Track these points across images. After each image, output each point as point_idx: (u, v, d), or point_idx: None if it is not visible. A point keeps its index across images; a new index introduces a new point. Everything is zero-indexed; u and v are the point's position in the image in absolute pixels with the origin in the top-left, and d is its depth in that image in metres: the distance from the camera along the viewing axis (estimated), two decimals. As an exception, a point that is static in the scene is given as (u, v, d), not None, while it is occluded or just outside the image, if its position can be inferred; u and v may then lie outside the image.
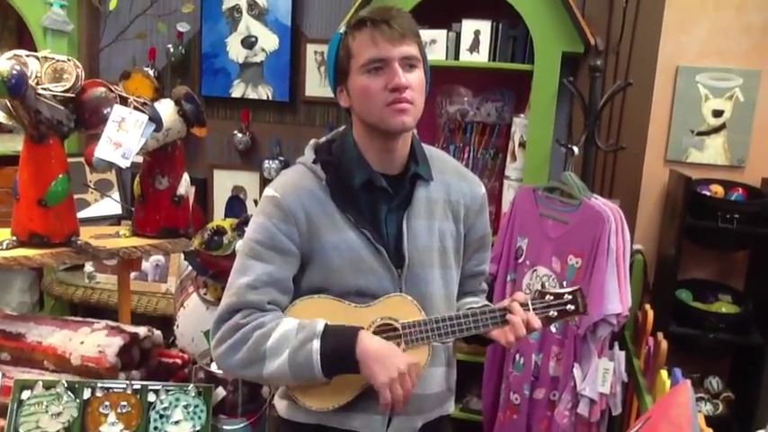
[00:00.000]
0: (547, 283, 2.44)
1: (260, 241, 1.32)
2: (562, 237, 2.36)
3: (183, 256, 2.39)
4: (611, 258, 2.19)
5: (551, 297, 1.35)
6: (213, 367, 1.80)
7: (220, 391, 1.74)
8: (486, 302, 1.51)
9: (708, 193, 2.57)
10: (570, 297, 1.36)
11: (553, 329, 2.32)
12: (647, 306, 2.47)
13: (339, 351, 1.23)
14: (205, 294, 2.27)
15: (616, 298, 2.18)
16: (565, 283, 2.32)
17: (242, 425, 1.77)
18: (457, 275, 1.46)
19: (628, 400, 2.44)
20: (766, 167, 2.69)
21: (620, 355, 2.29)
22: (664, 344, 2.16)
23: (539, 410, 2.51)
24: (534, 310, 1.33)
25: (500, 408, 2.66)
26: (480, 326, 1.32)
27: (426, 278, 1.37)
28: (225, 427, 1.75)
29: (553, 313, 1.35)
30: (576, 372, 2.29)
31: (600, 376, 2.27)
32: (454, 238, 1.43)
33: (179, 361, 2.00)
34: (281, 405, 1.44)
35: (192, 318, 2.28)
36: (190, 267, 2.31)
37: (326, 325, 1.26)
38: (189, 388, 1.72)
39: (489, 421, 2.69)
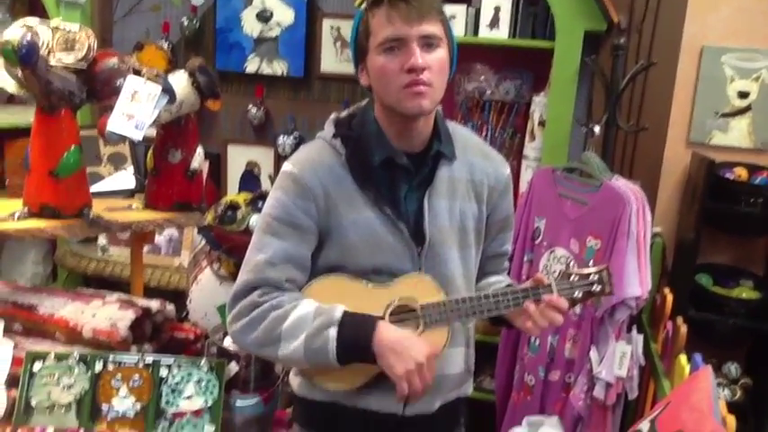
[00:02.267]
0: (565, 265, 2.40)
1: (277, 217, 1.29)
2: (581, 218, 2.31)
3: (196, 230, 2.36)
4: (631, 241, 2.15)
5: (576, 277, 1.31)
6: (226, 342, 1.78)
7: (233, 367, 1.72)
8: (510, 282, 1.47)
9: (731, 177, 2.51)
10: (596, 277, 1.32)
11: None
12: (666, 290, 2.43)
13: (356, 340, 1.21)
14: (218, 269, 2.24)
15: (636, 281, 2.14)
16: (590, 263, 2.27)
17: (254, 401, 1.74)
18: (477, 256, 1.42)
19: (644, 383, 2.40)
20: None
21: (638, 339, 2.26)
22: (683, 328, 2.12)
23: (553, 392, 2.49)
24: (559, 291, 1.29)
25: (514, 388, 2.64)
26: (502, 307, 1.29)
27: (446, 257, 1.34)
28: (237, 402, 1.72)
29: (578, 294, 1.31)
30: (593, 354, 2.26)
31: (617, 359, 2.23)
32: (476, 218, 1.39)
33: (191, 335, 1.97)
34: (295, 382, 1.42)
35: (205, 292, 2.26)
36: (203, 242, 2.29)
37: (345, 312, 1.24)
38: (201, 363, 1.70)
39: (502, 401, 2.67)
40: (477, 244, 1.41)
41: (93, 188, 2.12)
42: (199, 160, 2.17)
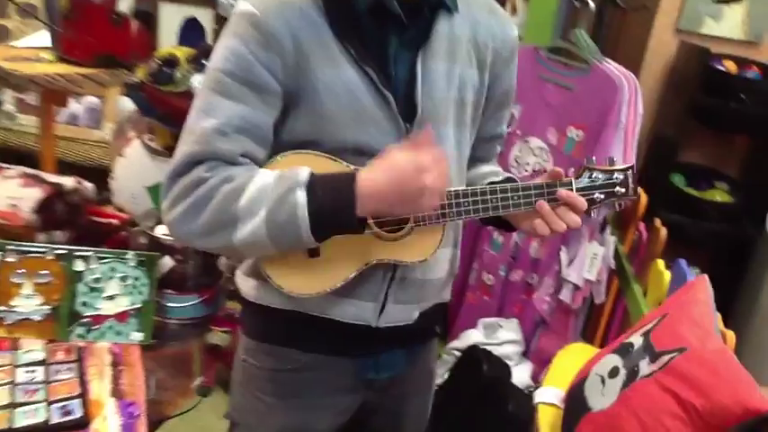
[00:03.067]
0: (540, 158, 2.18)
1: (231, 72, 0.98)
2: (564, 104, 2.08)
3: (123, 91, 1.97)
4: (619, 133, 1.94)
5: (599, 174, 1.08)
6: (158, 231, 1.48)
7: (167, 261, 1.44)
8: (509, 175, 1.22)
9: (721, 68, 2.30)
10: (621, 177, 1.09)
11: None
12: (639, 189, 2.26)
13: (333, 198, 0.94)
14: (151, 141, 1.88)
15: (620, 178, 1.94)
16: (569, 155, 2.06)
17: (193, 302, 1.48)
18: (471, 137, 1.17)
19: (608, 288, 2.27)
20: (784, 45, 2.43)
21: (611, 241, 2.10)
22: (663, 231, 1.97)
23: (513, 293, 2.35)
24: (578, 189, 1.06)
25: (469, 287, 2.49)
26: (510, 205, 1.05)
27: (440, 137, 1.07)
28: (171, 303, 1.46)
29: (599, 196, 1.08)
30: (563, 255, 2.10)
31: (588, 261, 2.08)
32: (475, 89, 1.13)
33: (115, 221, 1.67)
34: (246, 285, 1.15)
35: (134, 169, 1.91)
36: (131, 107, 1.91)
37: (312, 173, 0.96)
38: (128, 256, 1.41)
39: (456, 301, 2.51)
40: (473, 122, 1.15)
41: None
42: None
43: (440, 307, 1.25)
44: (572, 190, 1.05)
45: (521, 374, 2.10)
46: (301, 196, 0.93)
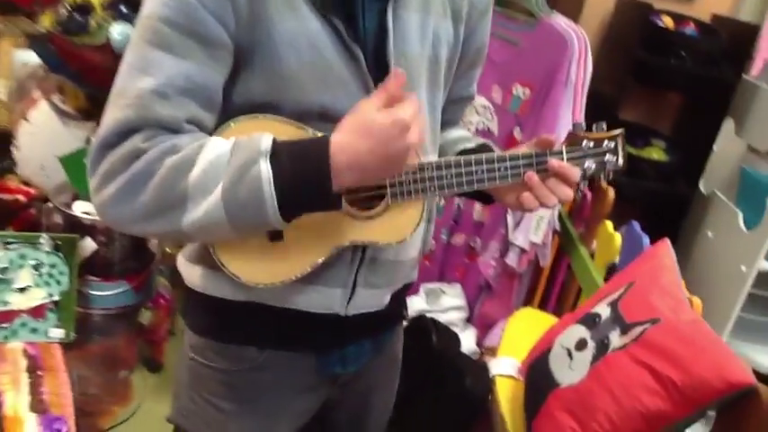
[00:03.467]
0: (484, 117, 2.09)
1: (171, 21, 0.80)
2: (509, 61, 1.99)
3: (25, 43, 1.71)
4: (568, 92, 1.87)
5: (590, 143, 0.98)
6: (77, 208, 1.27)
7: (88, 244, 1.24)
8: (482, 140, 1.11)
9: (661, 24, 2.26)
10: (612, 145, 0.99)
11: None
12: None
13: (303, 169, 0.79)
14: (61, 102, 1.63)
15: (568, 139, 1.88)
16: (514, 114, 1.97)
17: (120, 290, 1.30)
18: (443, 99, 1.04)
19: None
20: (717, 1, 2.41)
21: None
22: (610, 192, 1.92)
23: (455, 258, 2.27)
24: (569, 158, 0.96)
25: (409, 253, 2.39)
26: (497, 177, 0.94)
27: None
28: (96, 292, 1.27)
29: (590, 165, 0.98)
30: (510, 218, 2.03)
31: (534, 224, 2.02)
32: (450, 45, 1.00)
33: (22, 198, 1.44)
34: (191, 273, 0.99)
35: (42, 136, 1.67)
36: (34, 61, 1.64)
37: (275, 140, 0.81)
38: (41, 240, 1.21)
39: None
40: (445, 83, 1.03)
41: None
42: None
43: (407, 287, 1.14)
44: (563, 159, 0.95)
45: (466, 341, 2.04)
46: (265, 168, 0.78)
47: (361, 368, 1.09)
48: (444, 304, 2.08)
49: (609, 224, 1.88)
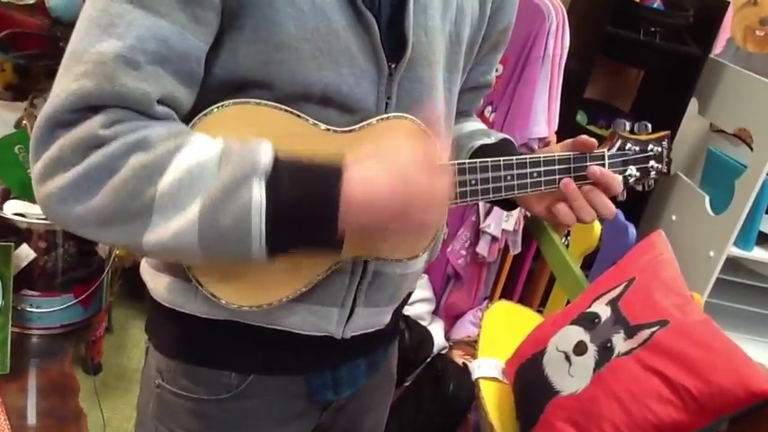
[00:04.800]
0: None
1: None
2: (480, 35, 1.84)
3: None
4: (545, 67, 1.76)
5: (633, 145, 0.85)
6: (9, 209, 1.04)
7: (25, 252, 1.02)
8: (503, 135, 0.95)
9: (629, -1, 2.16)
10: (658, 148, 0.87)
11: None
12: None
13: (305, 199, 0.63)
14: None
15: (543, 118, 1.77)
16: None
17: (65, 305, 1.07)
18: (460, 83, 0.89)
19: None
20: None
21: (528, 187, 1.93)
22: (586, 176, 1.82)
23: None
24: (610, 166, 0.83)
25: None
26: (528, 183, 0.79)
27: (432, 84, 0.78)
28: (33, 308, 1.04)
29: (633, 172, 0.85)
30: (481, 205, 1.90)
31: (505, 211, 1.91)
32: (474, 23, 0.84)
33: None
34: (157, 283, 0.81)
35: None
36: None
37: (278, 153, 0.64)
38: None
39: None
40: (464, 66, 0.87)
41: None
42: None
43: (408, 297, 1.00)
44: (604, 165, 0.82)
45: (435, 335, 1.92)
46: (258, 193, 0.61)
47: (356, 391, 0.94)
48: (411, 296, 1.94)
49: (586, 210, 1.79)
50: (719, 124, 2.26)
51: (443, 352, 1.87)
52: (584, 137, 0.81)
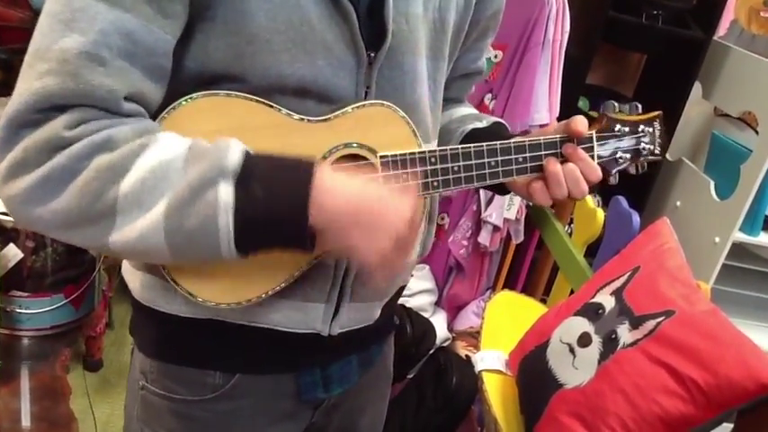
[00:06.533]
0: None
1: None
2: (479, 21, 1.80)
3: None
4: (545, 53, 1.73)
5: (623, 127, 0.83)
6: None
7: (12, 252, 1.00)
8: (494, 118, 0.93)
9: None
10: (649, 129, 0.84)
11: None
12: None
13: (275, 199, 0.61)
14: None
15: (544, 105, 1.74)
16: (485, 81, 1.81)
17: (55, 305, 1.06)
18: (447, 72, 0.86)
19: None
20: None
21: (531, 175, 1.91)
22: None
23: (419, 236, 2.11)
24: (599, 147, 0.81)
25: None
26: (513, 169, 0.77)
27: (412, 73, 0.76)
28: (23, 309, 1.03)
29: (622, 156, 0.83)
30: (482, 194, 1.88)
31: (507, 200, 1.88)
32: (460, 8, 0.82)
33: None
34: (138, 283, 0.79)
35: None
36: None
37: (248, 153, 0.62)
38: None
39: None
40: (451, 54, 0.85)
41: None
42: None
43: (401, 290, 0.97)
44: (593, 147, 0.80)
45: (438, 326, 1.90)
46: (225, 193, 0.59)
47: (348, 389, 0.92)
48: (413, 287, 1.93)
49: (589, 200, 1.76)
50: (724, 108, 2.22)
51: (446, 343, 1.85)
52: (579, 117, 0.79)
